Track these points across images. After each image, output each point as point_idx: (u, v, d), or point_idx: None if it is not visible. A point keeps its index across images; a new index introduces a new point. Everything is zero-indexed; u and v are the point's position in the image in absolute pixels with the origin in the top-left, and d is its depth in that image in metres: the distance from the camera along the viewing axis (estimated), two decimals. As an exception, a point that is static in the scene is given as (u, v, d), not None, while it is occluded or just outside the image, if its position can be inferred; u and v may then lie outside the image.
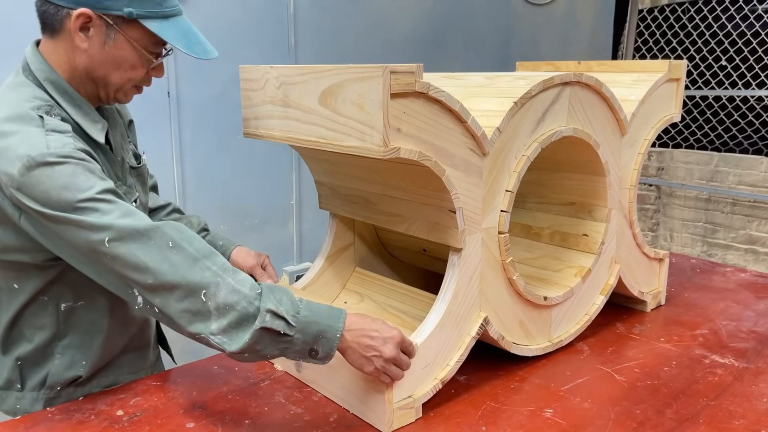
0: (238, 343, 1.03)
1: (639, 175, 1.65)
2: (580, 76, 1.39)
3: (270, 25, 2.73)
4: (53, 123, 1.08)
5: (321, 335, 1.07)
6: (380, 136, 1.06)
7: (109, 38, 1.13)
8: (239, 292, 1.03)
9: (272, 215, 2.90)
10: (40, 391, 1.27)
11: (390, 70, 1.03)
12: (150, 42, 1.15)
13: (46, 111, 1.11)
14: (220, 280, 1.03)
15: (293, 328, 1.05)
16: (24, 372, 1.27)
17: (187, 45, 1.15)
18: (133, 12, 1.10)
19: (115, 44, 1.14)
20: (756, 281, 1.99)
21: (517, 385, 1.36)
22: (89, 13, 1.09)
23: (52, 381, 1.27)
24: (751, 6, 4.13)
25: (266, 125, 1.33)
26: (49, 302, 1.22)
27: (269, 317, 1.03)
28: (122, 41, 1.13)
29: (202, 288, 1.02)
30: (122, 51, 1.14)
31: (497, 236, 1.33)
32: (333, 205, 1.56)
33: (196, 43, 1.16)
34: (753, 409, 1.26)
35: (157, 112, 2.47)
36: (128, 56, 1.15)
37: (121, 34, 1.13)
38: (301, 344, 1.07)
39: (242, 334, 1.03)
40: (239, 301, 1.03)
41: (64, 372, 1.27)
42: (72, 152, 1.04)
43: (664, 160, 4.68)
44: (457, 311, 1.28)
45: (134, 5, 1.10)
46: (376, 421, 1.20)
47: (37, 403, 1.27)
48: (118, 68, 1.16)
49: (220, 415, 1.23)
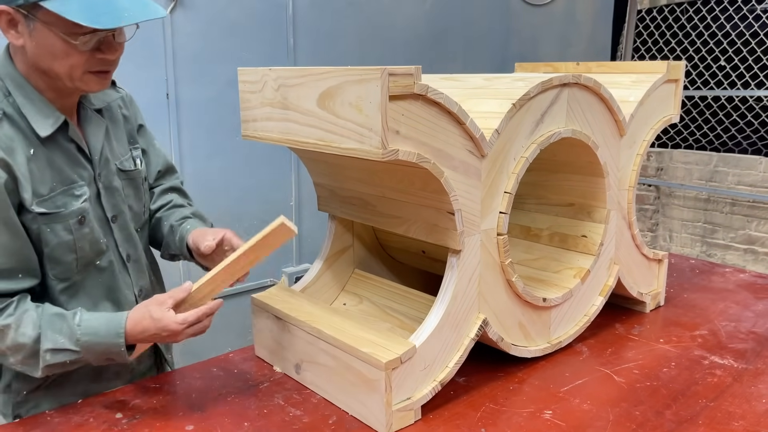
0: (37, 372, 1.17)
1: (638, 176, 1.65)
2: (579, 77, 1.39)
3: (269, 27, 2.73)
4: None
5: (108, 351, 1.18)
6: (379, 138, 1.06)
7: (31, 29, 1.10)
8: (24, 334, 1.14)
9: (271, 217, 2.88)
10: (8, 394, 1.28)
11: (388, 72, 1.03)
12: (67, 23, 1.06)
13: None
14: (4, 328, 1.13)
15: (78, 352, 1.16)
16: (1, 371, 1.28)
17: (92, 17, 1.05)
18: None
19: (39, 34, 1.10)
20: (755, 282, 1.99)
21: (516, 386, 1.36)
22: (6, 9, 1.08)
23: (16, 386, 1.28)
24: (750, 6, 4.13)
25: (265, 127, 1.33)
26: None
27: (50, 356, 1.15)
28: (42, 29, 1.09)
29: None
30: (47, 39, 1.10)
31: (496, 238, 1.33)
32: (332, 207, 1.55)
33: (104, 13, 1.06)
34: (752, 410, 1.26)
35: (155, 114, 2.47)
36: (54, 43, 1.10)
37: (39, 23, 1.08)
38: (95, 358, 1.19)
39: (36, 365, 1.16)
40: (25, 343, 1.14)
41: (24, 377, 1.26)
42: None
43: (664, 161, 4.68)
44: (456, 313, 1.28)
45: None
46: (376, 423, 1.20)
47: (7, 406, 1.28)
48: (54, 58, 1.12)
49: (219, 417, 1.23)
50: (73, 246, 1.22)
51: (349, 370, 1.23)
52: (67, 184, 1.20)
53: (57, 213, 1.19)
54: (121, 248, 1.32)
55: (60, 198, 1.19)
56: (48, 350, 1.14)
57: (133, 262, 1.35)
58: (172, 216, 1.48)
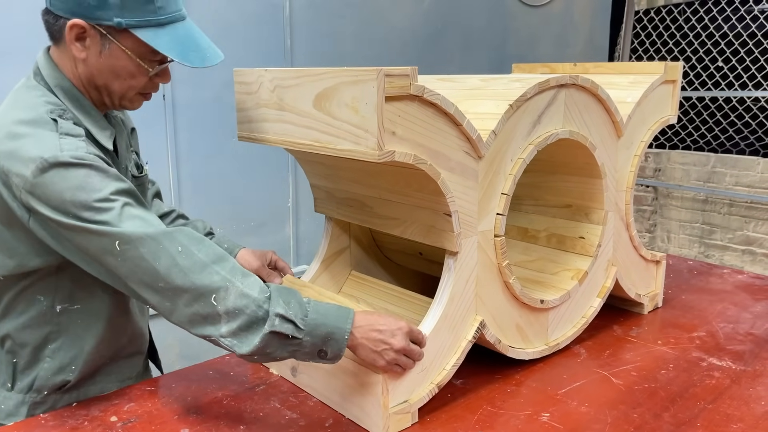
0: (248, 346, 1.05)
1: (635, 177, 1.65)
2: (576, 78, 1.39)
3: (266, 28, 2.72)
4: (67, 126, 1.10)
5: (329, 337, 1.09)
6: (375, 140, 1.05)
7: (104, 48, 1.12)
8: (248, 296, 1.05)
9: (268, 218, 2.89)
10: (27, 394, 1.26)
11: (384, 73, 1.03)
12: (146, 51, 1.13)
13: (59, 114, 1.12)
14: (229, 285, 1.04)
15: (302, 331, 1.06)
16: (17, 372, 1.26)
17: (182, 54, 1.12)
18: (122, 22, 1.09)
19: (111, 54, 1.13)
20: (753, 283, 1.99)
21: (513, 388, 1.36)
22: (82, 24, 1.09)
23: (40, 384, 1.26)
24: (747, 7, 4.13)
25: (261, 129, 1.32)
26: (45, 302, 1.21)
27: (278, 321, 1.05)
28: (117, 51, 1.13)
29: (212, 292, 1.04)
30: (119, 60, 1.13)
31: (493, 239, 1.33)
32: (329, 209, 1.55)
33: (193, 51, 1.14)
34: (751, 412, 1.26)
35: (152, 115, 2.46)
36: (125, 65, 1.14)
37: (115, 44, 1.12)
38: (310, 346, 1.08)
39: (252, 336, 1.05)
40: (248, 305, 1.04)
41: (52, 376, 1.26)
42: (85, 155, 1.06)
43: (661, 162, 4.68)
44: (454, 315, 1.28)
45: (125, 15, 1.09)
46: (372, 426, 1.19)
47: (23, 406, 1.26)
48: (117, 77, 1.16)
49: (215, 420, 1.23)
50: None
51: (346, 372, 1.22)
52: None
53: None
54: None
55: None
56: (278, 315, 1.04)
57: None
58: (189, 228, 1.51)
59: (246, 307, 1.04)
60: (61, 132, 1.08)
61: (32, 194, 1.04)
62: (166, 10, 1.12)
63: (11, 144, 1.06)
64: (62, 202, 1.03)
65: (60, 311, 1.23)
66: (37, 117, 1.09)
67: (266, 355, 1.07)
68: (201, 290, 1.04)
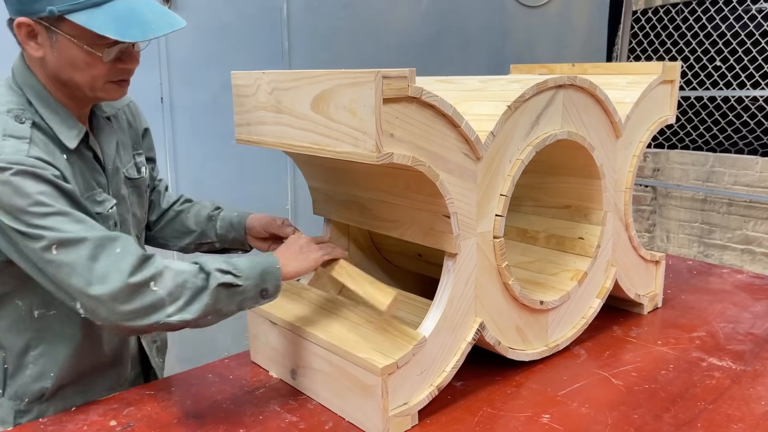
0: (197, 310, 1.09)
1: (634, 177, 1.65)
2: (574, 78, 1.39)
3: (263, 30, 2.72)
4: (12, 128, 1.09)
5: (265, 272, 1.18)
6: (373, 142, 1.05)
7: (53, 41, 1.10)
8: (183, 271, 1.10)
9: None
10: (14, 401, 1.26)
11: (382, 75, 1.03)
12: (90, 35, 1.08)
13: (16, 115, 1.11)
14: (163, 269, 1.08)
15: (239, 277, 1.14)
16: (7, 377, 1.25)
17: (121, 30, 1.06)
18: (54, 10, 1.05)
19: (60, 46, 1.10)
20: (753, 282, 1.98)
21: (513, 390, 1.35)
22: (27, 21, 1.08)
23: (22, 392, 1.25)
24: (745, 6, 4.14)
25: (258, 131, 1.32)
26: (23, 307, 1.21)
27: (219, 274, 1.12)
28: (64, 41, 1.09)
29: (149, 281, 1.07)
30: (69, 50, 1.10)
31: (492, 241, 1.33)
32: (327, 211, 1.55)
33: (133, 26, 1.07)
34: (751, 412, 1.25)
35: (150, 118, 2.43)
36: (76, 54, 1.11)
37: (60, 35, 1.09)
38: (252, 288, 1.16)
39: (199, 301, 1.10)
40: (187, 279, 1.09)
41: (32, 383, 1.25)
42: (23, 159, 1.05)
43: (660, 161, 4.69)
44: (453, 317, 1.28)
45: (55, 2, 1.05)
46: (372, 428, 1.19)
47: (10, 414, 1.25)
48: (75, 68, 1.12)
49: (215, 424, 1.22)
50: None
51: (345, 375, 1.22)
52: (89, 191, 1.22)
53: (101, 213, 1.22)
54: None
55: (87, 204, 1.18)
56: (217, 269, 1.11)
57: None
58: (196, 208, 1.56)
59: (186, 282, 1.09)
60: (5, 134, 1.07)
61: None
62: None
63: None
64: (2, 205, 1.03)
65: (38, 316, 1.22)
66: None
67: (217, 312, 1.12)
68: (139, 283, 1.06)
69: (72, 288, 1.05)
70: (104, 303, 1.04)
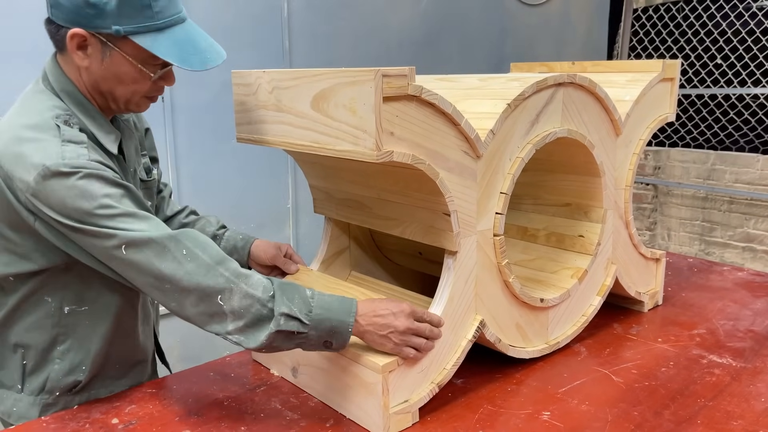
0: (255, 342, 1.10)
1: (634, 175, 1.65)
2: (574, 77, 1.39)
3: (264, 29, 2.72)
4: (70, 133, 1.11)
5: (334, 330, 1.13)
6: (373, 140, 1.05)
7: (105, 55, 1.13)
8: (252, 296, 1.09)
9: (268, 219, 2.89)
10: (38, 396, 1.27)
11: (382, 74, 1.03)
12: (147, 56, 1.14)
13: (65, 120, 1.13)
14: (233, 285, 1.08)
15: (307, 326, 1.11)
16: (26, 374, 1.26)
17: (182, 58, 1.13)
18: (120, 30, 1.10)
19: (113, 61, 1.14)
20: (753, 280, 1.99)
21: (514, 387, 1.36)
22: (82, 33, 1.10)
23: (51, 386, 1.26)
24: (746, 4, 4.13)
25: (259, 130, 1.32)
26: (53, 304, 1.22)
27: (283, 320, 1.09)
28: (119, 57, 1.13)
29: (217, 293, 1.08)
30: (121, 67, 1.14)
31: (492, 239, 1.33)
32: (328, 210, 1.55)
33: (192, 54, 1.14)
34: (751, 409, 1.26)
35: (151, 117, 2.45)
36: (128, 71, 1.15)
37: (116, 51, 1.13)
38: (315, 339, 1.13)
39: (258, 334, 1.09)
40: (253, 305, 1.08)
41: (64, 377, 1.26)
42: (86, 163, 1.07)
43: (661, 159, 4.68)
44: (453, 314, 1.28)
45: (123, 22, 1.09)
46: (373, 426, 1.19)
47: (33, 408, 1.26)
48: (121, 83, 1.17)
49: (216, 422, 1.23)
50: None
51: (346, 373, 1.23)
52: None
53: None
54: None
55: None
56: (283, 314, 1.09)
57: None
58: (201, 224, 1.55)
59: (251, 306, 1.08)
60: (64, 139, 1.09)
61: (36, 198, 1.06)
62: (164, 14, 1.13)
63: (16, 148, 1.07)
64: (65, 208, 1.05)
65: (68, 312, 1.23)
66: (42, 122, 1.11)
67: (273, 348, 1.12)
68: (206, 291, 1.08)
69: (141, 286, 1.11)
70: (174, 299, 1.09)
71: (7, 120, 1.14)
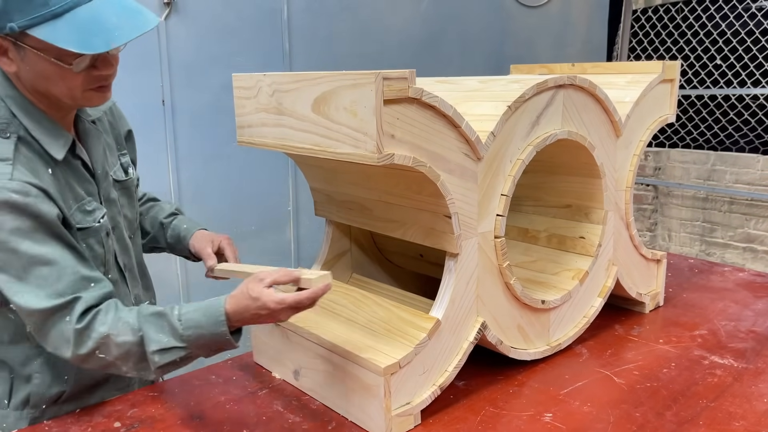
0: (151, 374, 1.14)
1: (635, 176, 1.65)
2: (574, 78, 1.39)
3: (264, 32, 2.73)
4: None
5: (213, 341, 1.12)
6: (374, 143, 1.06)
7: (22, 57, 1.07)
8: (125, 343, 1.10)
9: (269, 222, 2.89)
10: (23, 410, 1.26)
11: (382, 77, 1.03)
12: (55, 48, 1.03)
13: (2, 129, 1.10)
14: (105, 340, 1.10)
15: (185, 348, 1.12)
16: (13, 388, 1.25)
17: (83, 41, 1.01)
18: (15, 27, 1.01)
19: (30, 60, 1.07)
20: (754, 280, 1.99)
21: (516, 389, 1.36)
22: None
23: (36, 400, 1.25)
24: (745, 5, 4.14)
25: (260, 133, 1.32)
26: (16, 320, 1.20)
27: (158, 357, 1.11)
28: (33, 55, 1.06)
29: (94, 350, 1.11)
30: (39, 64, 1.07)
31: (493, 240, 1.33)
32: (329, 212, 1.55)
33: (95, 35, 1.02)
34: (753, 409, 1.26)
35: (151, 120, 2.47)
36: (47, 68, 1.07)
37: (28, 49, 1.05)
38: (203, 350, 1.13)
39: (148, 368, 1.13)
40: (130, 349, 1.11)
41: (47, 390, 1.25)
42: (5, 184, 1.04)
43: (661, 160, 4.68)
44: (455, 316, 1.28)
45: (15, 17, 1.01)
46: (375, 428, 1.19)
47: (21, 422, 1.25)
48: (49, 81, 1.09)
49: (218, 425, 1.23)
50: (103, 259, 1.24)
51: (348, 375, 1.23)
52: (78, 201, 1.20)
53: (91, 227, 1.20)
54: (119, 258, 1.31)
55: (77, 215, 1.18)
56: (155, 352, 1.10)
57: (128, 271, 1.35)
58: (154, 211, 1.54)
59: (129, 351, 1.11)
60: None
61: None
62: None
63: None
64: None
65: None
66: None
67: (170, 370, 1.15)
68: (85, 355, 1.11)
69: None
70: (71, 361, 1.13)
71: None
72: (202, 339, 1.11)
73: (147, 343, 1.10)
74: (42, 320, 1.09)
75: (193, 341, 1.10)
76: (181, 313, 1.12)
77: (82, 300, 1.10)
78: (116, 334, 1.09)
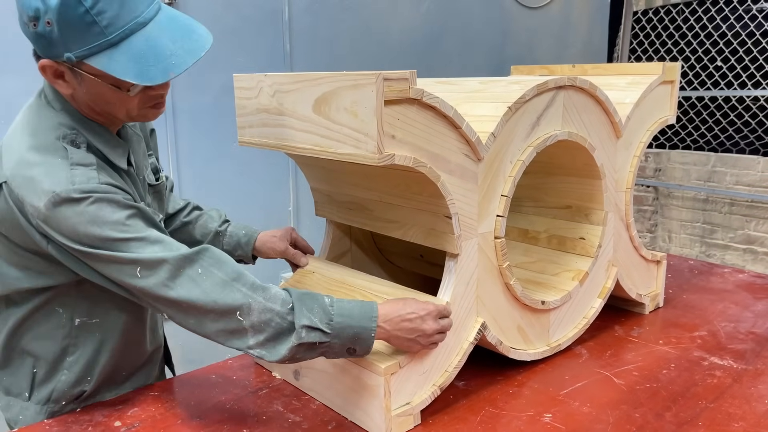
0: (277, 355, 1.08)
1: (635, 177, 1.65)
2: (574, 79, 1.39)
3: (265, 33, 2.73)
4: (78, 155, 1.09)
5: (357, 337, 1.11)
6: (374, 143, 1.06)
7: (79, 81, 1.08)
8: (271, 310, 1.07)
9: (270, 222, 2.89)
10: (45, 405, 1.27)
11: (383, 77, 1.03)
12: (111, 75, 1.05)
13: (72, 140, 1.10)
14: (251, 301, 1.07)
15: (329, 335, 1.09)
16: (35, 383, 1.27)
17: (141, 72, 1.02)
18: (72, 57, 1.02)
19: (88, 85, 1.08)
20: (754, 282, 1.99)
21: (515, 390, 1.36)
22: (50, 63, 1.06)
23: (58, 396, 1.27)
24: (746, 6, 4.14)
25: (261, 133, 1.33)
26: (64, 315, 1.22)
27: (305, 332, 1.07)
28: (90, 81, 1.07)
29: (236, 309, 1.06)
30: (98, 88, 1.08)
31: (494, 241, 1.33)
32: (329, 212, 1.55)
33: (152, 65, 1.03)
34: (752, 411, 1.26)
35: (153, 121, 2.47)
36: (105, 92, 1.09)
37: (85, 75, 1.06)
38: (338, 347, 1.11)
39: (280, 347, 1.08)
40: (273, 318, 1.07)
41: (70, 388, 1.27)
42: (96, 186, 1.05)
43: (661, 161, 4.69)
44: (455, 317, 1.28)
45: (72, 48, 1.02)
46: (375, 428, 1.20)
47: (39, 416, 1.27)
48: (107, 103, 1.11)
49: (219, 424, 1.23)
50: None
51: (348, 375, 1.23)
52: None
53: None
54: None
55: None
56: (304, 326, 1.07)
57: None
58: (203, 219, 1.54)
59: (271, 321, 1.07)
60: (72, 162, 1.07)
61: (47, 224, 1.05)
62: (116, 25, 1.01)
63: (26, 172, 1.06)
64: (77, 235, 1.04)
65: (78, 324, 1.23)
66: (48, 143, 1.08)
67: (296, 360, 1.10)
68: (225, 309, 1.06)
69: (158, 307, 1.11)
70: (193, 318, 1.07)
71: (13, 138, 1.11)
72: (347, 331, 1.10)
73: (297, 315, 1.07)
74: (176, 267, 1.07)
75: (338, 331, 1.09)
76: (333, 301, 1.12)
77: None
78: (265, 298, 1.07)
